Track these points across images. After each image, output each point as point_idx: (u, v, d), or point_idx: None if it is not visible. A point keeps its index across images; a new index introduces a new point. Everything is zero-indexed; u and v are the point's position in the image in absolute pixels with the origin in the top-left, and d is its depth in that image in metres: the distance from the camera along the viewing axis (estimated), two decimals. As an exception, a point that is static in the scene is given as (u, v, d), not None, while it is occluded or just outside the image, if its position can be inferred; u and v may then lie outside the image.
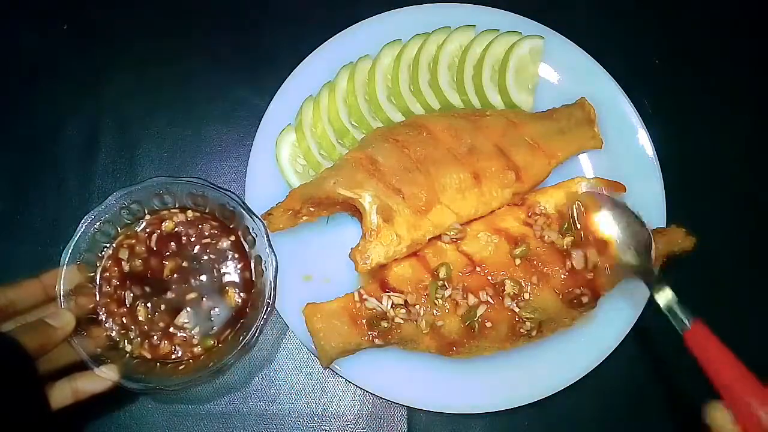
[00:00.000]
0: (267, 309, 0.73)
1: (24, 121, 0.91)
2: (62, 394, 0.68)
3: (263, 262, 0.75)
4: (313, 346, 0.78)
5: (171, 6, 0.95)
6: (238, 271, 0.78)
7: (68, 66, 0.93)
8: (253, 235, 0.76)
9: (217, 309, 0.77)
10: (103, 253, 0.77)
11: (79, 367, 0.70)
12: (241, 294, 0.77)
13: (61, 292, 0.71)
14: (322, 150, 0.85)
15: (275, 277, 0.74)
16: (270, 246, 0.75)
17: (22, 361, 0.63)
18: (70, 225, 0.84)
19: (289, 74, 0.86)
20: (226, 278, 0.77)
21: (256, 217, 0.76)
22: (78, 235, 0.74)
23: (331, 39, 0.88)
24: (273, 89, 0.86)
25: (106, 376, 0.70)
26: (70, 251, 0.73)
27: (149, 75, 0.92)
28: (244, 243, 0.78)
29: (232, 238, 0.78)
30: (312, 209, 0.80)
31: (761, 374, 0.84)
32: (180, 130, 0.91)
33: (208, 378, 0.74)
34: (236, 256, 0.78)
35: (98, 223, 0.75)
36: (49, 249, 0.85)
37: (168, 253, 0.77)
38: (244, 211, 0.76)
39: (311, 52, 0.87)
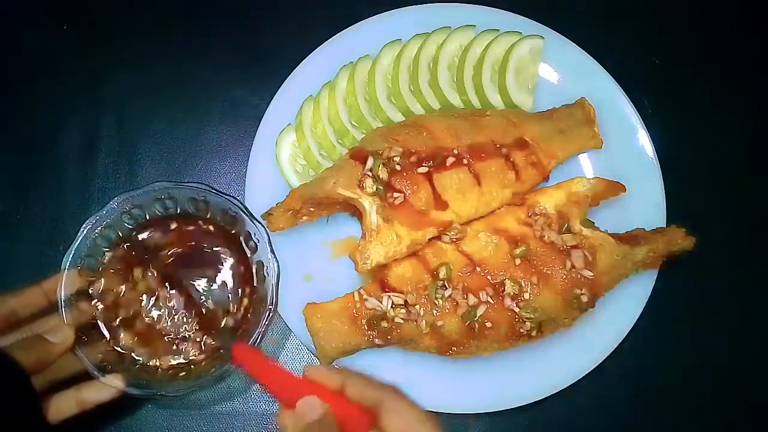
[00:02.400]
0: (268, 315, 0.73)
1: (24, 121, 0.91)
2: (67, 404, 0.67)
3: (265, 268, 0.75)
4: (313, 347, 0.78)
5: (171, 6, 0.95)
6: (240, 277, 0.78)
7: (68, 66, 0.92)
8: (255, 240, 0.76)
9: (217, 315, 0.76)
10: (104, 258, 0.77)
11: (84, 375, 0.70)
12: (243, 300, 0.77)
13: (62, 297, 0.71)
14: (322, 150, 0.85)
15: (277, 283, 0.74)
16: (272, 252, 0.74)
17: (18, 378, 0.62)
18: (70, 225, 0.85)
19: (289, 74, 0.86)
20: (228, 284, 0.77)
21: (259, 222, 0.76)
22: (79, 240, 0.73)
23: (331, 39, 0.88)
24: (273, 89, 0.86)
25: (111, 384, 0.70)
26: (71, 256, 0.73)
27: (149, 75, 0.92)
28: (246, 249, 0.78)
29: (234, 243, 0.78)
30: (312, 209, 0.80)
31: (762, 374, 0.84)
32: (180, 130, 0.91)
33: (209, 384, 0.74)
34: (238, 261, 0.78)
35: (99, 228, 0.75)
36: (49, 249, 0.85)
37: (169, 259, 0.77)
38: (246, 217, 0.75)
39: (311, 52, 0.87)
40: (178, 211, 0.79)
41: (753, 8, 0.96)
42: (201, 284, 0.77)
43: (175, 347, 0.75)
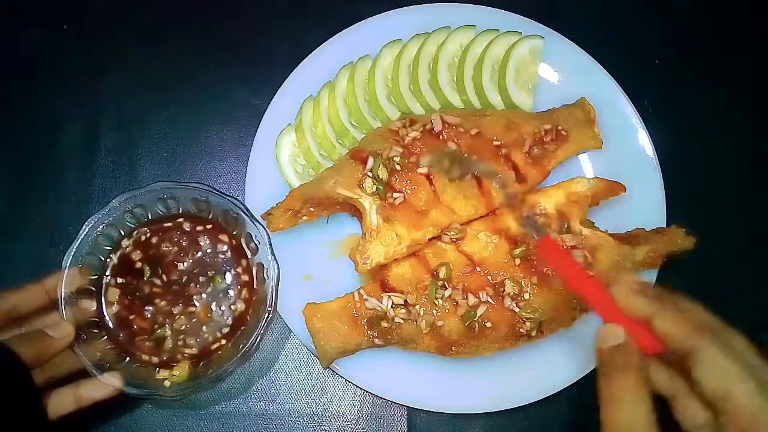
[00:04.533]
0: (268, 316, 0.73)
1: (24, 121, 0.91)
2: (65, 401, 0.67)
3: (265, 270, 0.75)
4: (313, 346, 0.78)
5: (170, 6, 0.95)
6: (240, 278, 0.77)
7: (68, 66, 0.93)
8: (256, 242, 0.76)
9: (217, 316, 0.76)
10: (105, 256, 0.77)
11: (83, 373, 0.70)
12: (242, 301, 0.77)
13: (63, 295, 0.71)
14: (322, 150, 0.85)
15: (277, 284, 0.74)
16: (272, 254, 0.74)
17: (18, 370, 0.62)
18: (70, 225, 0.85)
19: (289, 74, 0.87)
20: (228, 285, 0.77)
21: (260, 223, 0.76)
22: (80, 238, 0.73)
23: (331, 39, 0.88)
24: (273, 89, 0.86)
25: (109, 383, 0.70)
26: (72, 254, 0.73)
27: (149, 75, 0.92)
28: (247, 250, 0.78)
29: (234, 244, 0.78)
30: (312, 209, 0.80)
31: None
32: (180, 130, 0.91)
33: (208, 385, 0.74)
34: (238, 262, 0.78)
35: (101, 227, 0.75)
36: (49, 249, 0.85)
37: (170, 259, 0.77)
38: (247, 218, 0.75)
39: (311, 52, 0.87)
40: (180, 211, 0.79)
41: (753, 8, 0.96)
42: (201, 285, 0.77)
43: (172, 346, 0.75)
